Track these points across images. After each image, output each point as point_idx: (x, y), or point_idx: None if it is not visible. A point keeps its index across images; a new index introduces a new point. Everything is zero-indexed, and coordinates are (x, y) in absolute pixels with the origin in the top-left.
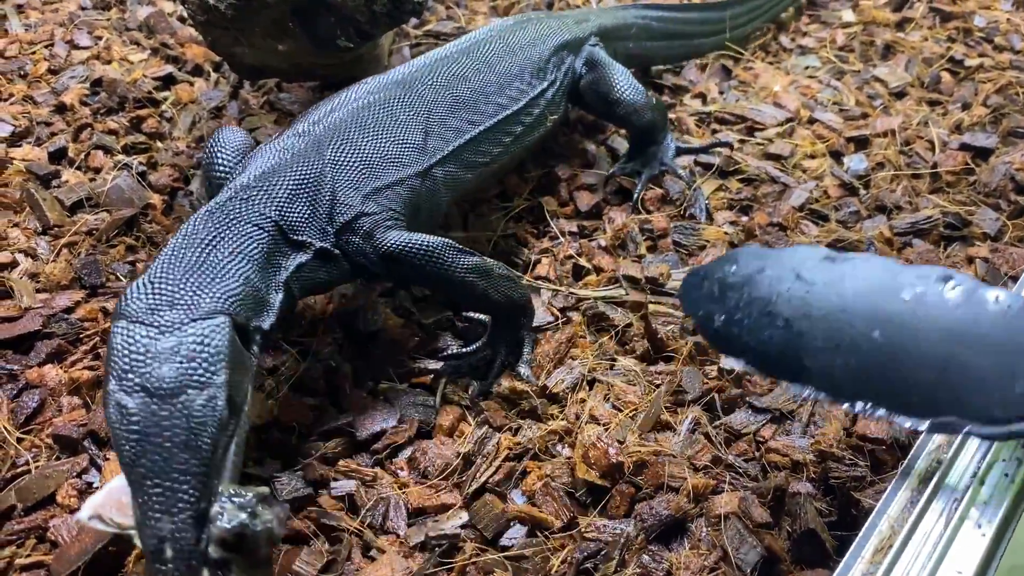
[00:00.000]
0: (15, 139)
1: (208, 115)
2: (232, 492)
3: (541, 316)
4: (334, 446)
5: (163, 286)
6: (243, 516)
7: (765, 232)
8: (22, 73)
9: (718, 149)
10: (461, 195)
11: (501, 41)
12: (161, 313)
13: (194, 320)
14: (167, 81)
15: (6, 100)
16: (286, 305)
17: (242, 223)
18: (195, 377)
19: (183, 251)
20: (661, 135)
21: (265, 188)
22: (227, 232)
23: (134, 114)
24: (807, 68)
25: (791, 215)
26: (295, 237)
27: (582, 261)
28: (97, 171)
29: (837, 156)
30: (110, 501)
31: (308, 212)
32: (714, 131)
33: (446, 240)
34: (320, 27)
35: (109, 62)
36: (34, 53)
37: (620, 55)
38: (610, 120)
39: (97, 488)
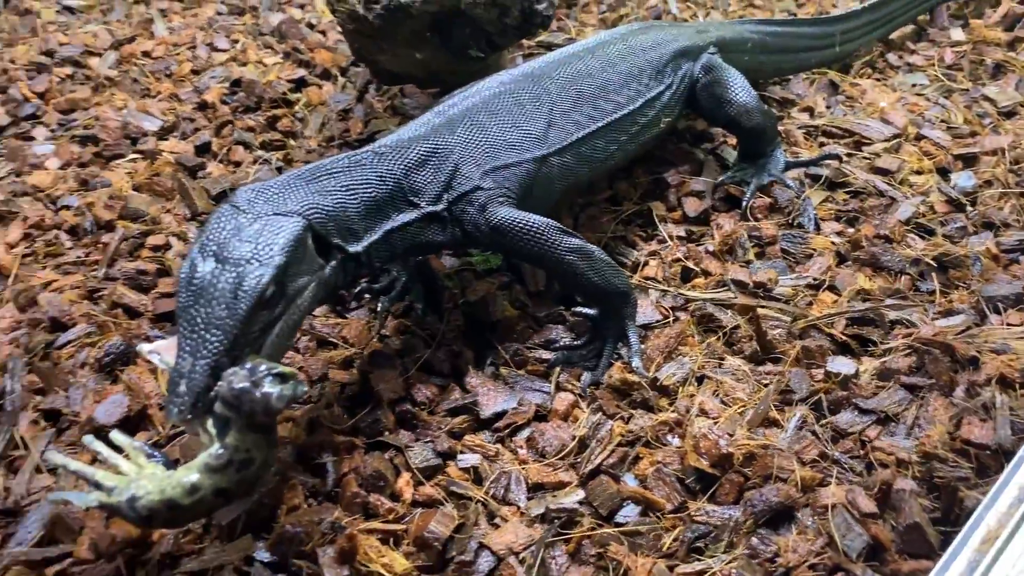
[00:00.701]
0: (163, 133)
1: (336, 117)
2: (255, 363)
3: (650, 314)
4: (460, 422)
5: (272, 188)
6: (246, 383)
7: (872, 244)
8: (168, 73)
9: (827, 161)
10: (574, 188)
11: (624, 43)
12: (257, 204)
13: (277, 214)
14: (299, 84)
15: (155, 97)
16: (382, 250)
17: (368, 171)
18: (257, 255)
19: (306, 171)
20: (770, 146)
21: (400, 151)
22: (350, 171)
23: (270, 113)
24: (914, 86)
25: (897, 228)
26: (411, 198)
27: (690, 264)
28: (238, 164)
29: (944, 173)
30: (170, 346)
31: (431, 178)
32: (821, 144)
33: (552, 221)
34: (455, 38)
35: (245, 64)
36: (178, 54)
37: (735, 67)
38: (721, 122)
39: None
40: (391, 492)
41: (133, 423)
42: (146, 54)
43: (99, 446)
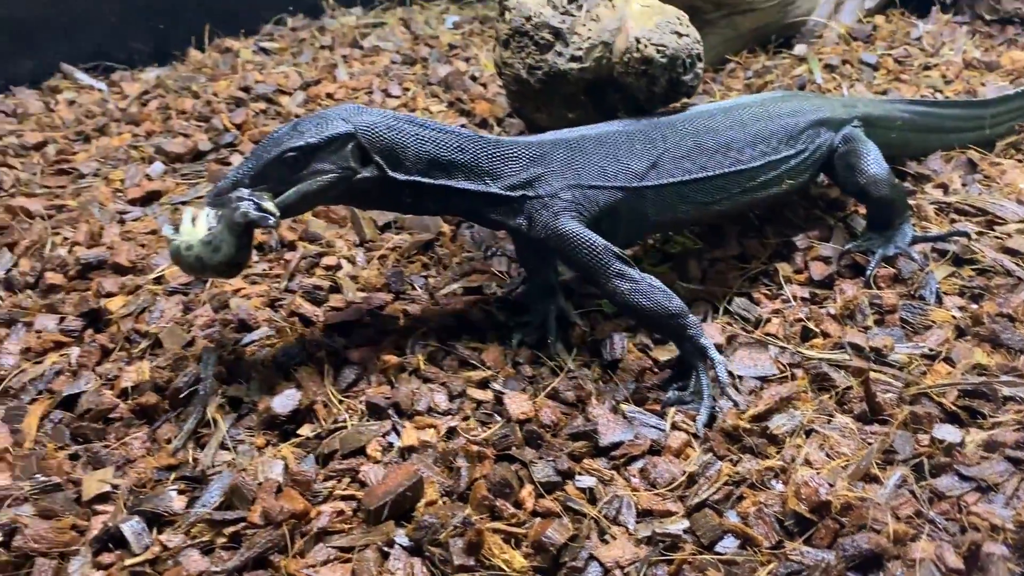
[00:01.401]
0: None
1: None
2: (258, 194)
3: (767, 368)
4: (580, 447)
5: (375, 111)
6: (235, 195)
7: (993, 321)
8: None
9: (955, 238)
10: (674, 223)
11: (761, 107)
12: (352, 114)
13: (345, 120)
14: None
15: None
16: (438, 197)
17: (457, 139)
18: (304, 132)
19: (417, 117)
20: (899, 219)
21: (500, 143)
22: (442, 132)
23: None
24: None
25: (1022, 308)
26: (485, 177)
27: (810, 325)
28: None
29: None
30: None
31: (513, 171)
32: (952, 221)
33: (609, 244)
34: (606, 102)
35: (414, 110)
36: (357, 98)
37: (879, 142)
38: (851, 190)
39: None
40: (515, 500)
41: (302, 415)
42: (329, 95)
43: (187, 211)
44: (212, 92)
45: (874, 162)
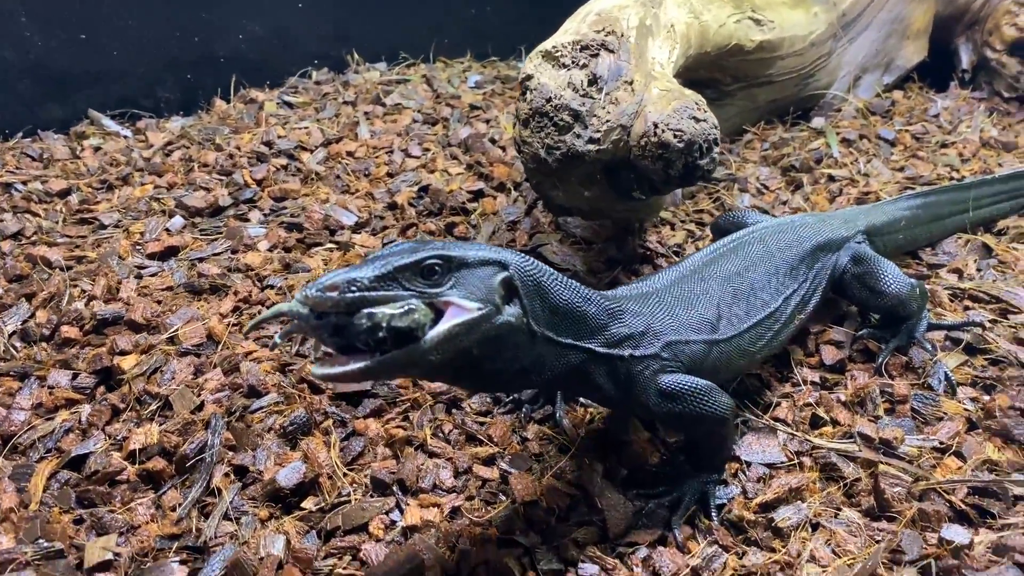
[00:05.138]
0: (356, 228)
1: (505, 227)
2: (392, 308)
3: (775, 455)
4: (584, 533)
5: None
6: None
7: (1005, 415)
8: (366, 173)
9: (969, 328)
10: (732, 375)
11: (762, 243)
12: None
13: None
14: (477, 195)
15: (353, 194)
16: (556, 361)
17: (590, 304)
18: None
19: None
20: (917, 313)
21: (608, 304)
22: (581, 294)
23: (449, 219)
24: None
25: None
26: (597, 334)
27: (820, 412)
28: None
29: None
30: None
31: (621, 328)
32: (967, 308)
33: (711, 384)
34: (621, 181)
35: (433, 172)
36: (377, 157)
37: (888, 247)
38: (873, 310)
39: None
40: None
41: (306, 487)
42: (350, 154)
43: None
44: (235, 145)
45: (894, 281)
